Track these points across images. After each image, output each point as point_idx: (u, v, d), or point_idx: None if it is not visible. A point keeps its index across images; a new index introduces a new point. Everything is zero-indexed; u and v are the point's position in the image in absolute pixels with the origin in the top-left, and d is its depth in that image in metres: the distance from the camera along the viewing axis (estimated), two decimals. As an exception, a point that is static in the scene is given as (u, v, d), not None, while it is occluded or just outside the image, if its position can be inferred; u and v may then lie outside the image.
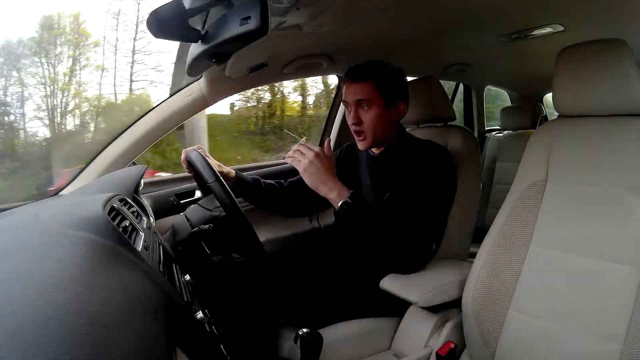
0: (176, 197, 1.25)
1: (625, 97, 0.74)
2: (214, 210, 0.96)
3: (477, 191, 1.12)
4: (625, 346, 0.65)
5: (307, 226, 1.53)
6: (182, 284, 0.67)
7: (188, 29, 0.69)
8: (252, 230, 0.85)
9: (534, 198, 0.82)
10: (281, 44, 1.05)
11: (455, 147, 1.09)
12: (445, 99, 1.21)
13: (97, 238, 0.44)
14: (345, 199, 0.86)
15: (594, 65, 0.76)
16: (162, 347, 0.34)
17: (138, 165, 1.16)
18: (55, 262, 0.37)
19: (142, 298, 0.37)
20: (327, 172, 0.88)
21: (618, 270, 0.69)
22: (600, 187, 0.75)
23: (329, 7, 0.80)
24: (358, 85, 0.96)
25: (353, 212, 0.86)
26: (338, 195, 0.87)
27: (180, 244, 0.94)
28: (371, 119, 0.96)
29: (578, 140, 0.80)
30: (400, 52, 1.33)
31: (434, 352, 0.85)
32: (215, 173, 0.86)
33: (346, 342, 0.93)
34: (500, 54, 1.57)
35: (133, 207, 0.73)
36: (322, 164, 0.87)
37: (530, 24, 1.20)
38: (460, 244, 1.09)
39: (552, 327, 0.74)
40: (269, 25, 0.61)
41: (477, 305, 0.82)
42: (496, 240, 0.84)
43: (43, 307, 0.29)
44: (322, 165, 0.87)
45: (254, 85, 1.40)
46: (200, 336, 0.51)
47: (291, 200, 1.13)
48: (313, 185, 0.88)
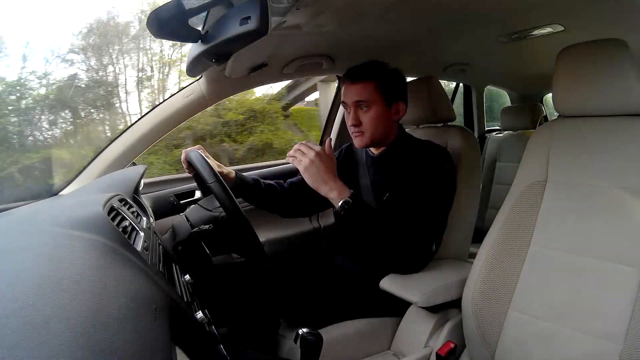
0: (176, 197, 1.25)
1: (625, 97, 0.74)
2: (213, 211, 0.96)
3: (477, 191, 1.12)
4: (625, 346, 0.65)
5: (307, 226, 1.54)
6: (182, 284, 0.67)
7: (188, 29, 0.69)
8: (252, 231, 0.85)
9: (534, 198, 0.82)
10: (281, 44, 1.05)
11: (455, 147, 1.09)
12: (445, 99, 1.20)
13: (97, 238, 0.44)
14: (346, 199, 0.86)
15: (594, 65, 0.76)
16: (162, 347, 0.34)
17: (138, 165, 1.16)
18: (55, 262, 0.37)
19: (142, 298, 0.37)
20: (328, 171, 0.88)
21: (618, 270, 0.69)
22: (600, 187, 0.75)
23: (329, 7, 0.80)
24: (357, 86, 0.96)
25: (353, 211, 0.86)
26: (339, 194, 0.87)
27: (180, 244, 0.94)
28: (370, 120, 0.96)
29: (578, 140, 0.80)
30: (400, 52, 1.33)
31: (434, 352, 0.85)
32: (215, 173, 0.86)
33: (346, 342, 0.93)
34: (500, 54, 1.57)
35: (133, 207, 0.73)
36: (322, 163, 0.87)
37: (530, 24, 1.20)
38: (460, 244, 1.09)
39: (552, 327, 0.74)
40: (269, 25, 0.61)
41: (477, 305, 0.82)
42: (496, 241, 0.84)
43: (43, 307, 0.29)
44: (322, 165, 0.87)
45: (254, 85, 1.40)
46: (200, 336, 0.51)
47: (291, 201, 1.13)
48: (314, 185, 0.88)
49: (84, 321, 0.29)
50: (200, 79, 1.21)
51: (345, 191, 0.88)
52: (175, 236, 0.98)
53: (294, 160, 0.89)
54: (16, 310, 0.28)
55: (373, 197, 1.02)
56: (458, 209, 1.04)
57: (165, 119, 1.18)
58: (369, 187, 1.04)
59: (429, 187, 0.92)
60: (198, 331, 0.51)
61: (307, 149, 0.88)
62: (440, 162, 0.96)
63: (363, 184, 1.06)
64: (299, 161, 0.88)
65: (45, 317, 0.28)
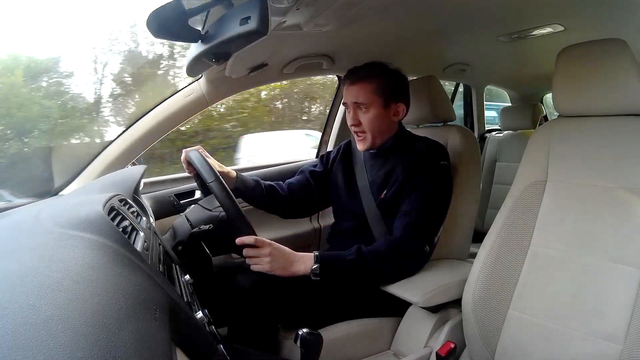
0: (176, 197, 1.25)
1: (625, 97, 0.74)
2: (213, 211, 0.96)
3: (477, 191, 1.12)
4: (625, 346, 0.65)
5: (307, 226, 1.53)
6: (182, 284, 0.67)
7: (188, 29, 0.69)
8: (252, 229, 0.85)
9: (534, 198, 0.82)
10: (281, 44, 1.05)
11: (455, 147, 1.09)
12: (445, 99, 1.21)
13: (97, 238, 0.44)
14: (313, 266, 0.86)
15: (594, 65, 0.76)
16: (162, 347, 0.34)
17: (138, 165, 1.16)
18: (55, 262, 0.37)
19: (142, 298, 0.37)
20: (285, 252, 0.86)
21: (618, 270, 0.69)
22: (600, 187, 0.75)
23: (329, 7, 0.80)
24: (357, 87, 0.97)
25: (326, 271, 0.86)
26: (305, 266, 0.86)
27: (180, 244, 0.94)
28: (369, 120, 0.97)
29: (578, 140, 0.80)
30: (400, 52, 1.33)
31: (434, 352, 0.85)
32: (214, 172, 0.86)
33: (346, 342, 0.93)
34: (500, 54, 1.57)
35: (133, 207, 0.73)
36: (278, 250, 0.85)
37: (530, 24, 1.20)
38: (460, 244, 1.09)
39: (552, 327, 0.74)
40: (269, 25, 0.61)
41: (477, 305, 0.82)
42: (496, 240, 0.84)
43: (43, 307, 0.29)
44: (279, 251, 0.85)
45: (254, 85, 1.40)
46: (200, 336, 0.51)
47: (291, 202, 1.13)
48: (285, 274, 0.86)
49: (84, 321, 0.29)
50: (200, 79, 1.21)
51: (309, 259, 0.87)
52: (175, 236, 0.98)
53: (255, 267, 0.85)
54: (16, 311, 0.28)
55: (371, 195, 1.02)
56: (458, 209, 1.04)
57: (165, 119, 1.18)
58: (367, 186, 1.04)
59: (424, 186, 0.93)
60: (198, 331, 0.51)
61: (255, 251, 0.84)
62: (435, 158, 0.97)
63: (361, 182, 1.06)
64: (258, 265, 0.84)
65: (45, 317, 0.28)
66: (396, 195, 0.96)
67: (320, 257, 0.87)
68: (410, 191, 0.94)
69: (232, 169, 1.07)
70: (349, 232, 1.06)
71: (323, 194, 1.15)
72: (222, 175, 0.95)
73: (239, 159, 2.82)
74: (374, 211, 1.00)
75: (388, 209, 0.98)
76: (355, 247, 0.89)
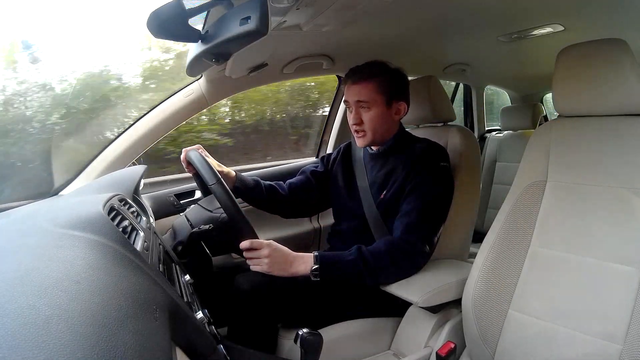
0: (176, 197, 1.25)
1: (625, 97, 0.74)
2: (213, 211, 0.96)
3: (477, 191, 1.12)
4: (625, 346, 0.65)
5: (307, 226, 1.54)
6: (182, 284, 0.67)
7: (188, 29, 0.69)
8: (253, 231, 0.85)
9: (534, 198, 0.82)
10: (281, 44, 1.05)
11: (455, 147, 1.09)
12: (445, 99, 1.21)
13: (97, 238, 0.44)
14: (313, 266, 0.85)
15: (594, 65, 0.76)
16: (162, 347, 0.34)
17: (138, 165, 1.16)
18: (55, 262, 0.37)
19: (142, 298, 0.37)
20: (284, 252, 0.86)
21: (618, 270, 0.69)
22: (600, 187, 0.75)
23: (329, 7, 0.80)
24: (358, 86, 0.97)
25: (326, 271, 0.86)
26: (305, 267, 0.86)
27: (180, 244, 0.94)
28: (371, 119, 0.97)
29: (578, 140, 0.80)
30: (400, 52, 1.33)
31: (434, 352, 0.85)
32: (215, 173, 0.86)
33: (346, 342, 0.93)
34: (500, 54, 1.57)
35: (133, 207, 0.73)
36: (276, 250, 0.85)
37: (530, 24, 1.20)
38: (460, 244, 1.09)
39: (552, 327, 0.74)
40: (269, 25, 0.61)
41: (477, 305, 0.82)
42: (496, 240, 0.84)
43: (43, 307, 0.29)
44: (277, 251, 0.85)
45: (254, 85, 1.40)
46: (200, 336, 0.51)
47: (291, 202, 1.13)
48: (283, 274, 0.86)
49: (84, 321, 0.29)
50: (200, 79, 1.21)
51: (309, 259, 0.86)
52: (175, 236, 0.98)
53: (254, 267, 0.85)
54: (16, 311, 0.28)
55: (371, 195, 1.02)
56: (458, 209, 1.04)
57: (165, 118, 1.18)
58: (367, 186, 1.04)
59: (425, 186, 0.93)
60: (198, 331, 0.51)
61: (254, 252, 0.84)
62: (435, 159, 0.97)
63: (360, 183, 1.06)
64: (258, 266, 0.84)
65: (45, 317, 0.28)
66: (396, 195, 0.96)
67: (320, 258, 0.87)
68: (411, 191, 0.94)
69: (232, 169, 1.07)
70: (349, 233, 1.06)
71: (324, 194, 1.15)
72: (222, 175, 0.95)
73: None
74: (374, 212, 1.00)
75: (388, 209, 0.98)
76: (355, 248, 0.89)
